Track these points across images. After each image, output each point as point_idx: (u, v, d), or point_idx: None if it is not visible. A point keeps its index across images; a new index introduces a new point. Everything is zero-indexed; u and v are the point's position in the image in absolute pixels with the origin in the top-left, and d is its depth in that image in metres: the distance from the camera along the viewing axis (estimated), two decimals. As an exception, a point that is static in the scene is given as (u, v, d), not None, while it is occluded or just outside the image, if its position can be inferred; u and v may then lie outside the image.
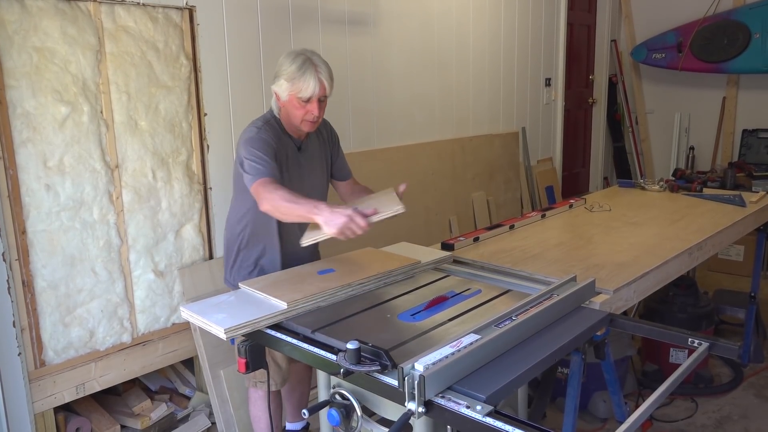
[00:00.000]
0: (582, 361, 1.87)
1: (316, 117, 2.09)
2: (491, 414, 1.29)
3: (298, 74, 2.02)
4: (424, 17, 4.01)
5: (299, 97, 2.04)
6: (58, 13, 2.32)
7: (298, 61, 2.03)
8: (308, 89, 2.02)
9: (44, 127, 2.34)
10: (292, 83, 2.03)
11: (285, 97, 2.08)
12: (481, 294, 2.04)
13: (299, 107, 2.06)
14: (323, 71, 2.05)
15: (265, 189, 1.93)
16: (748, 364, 3.42)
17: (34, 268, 2.38)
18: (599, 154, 6.22)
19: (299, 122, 2.10)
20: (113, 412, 2.73)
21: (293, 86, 2.03)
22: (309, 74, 2.01)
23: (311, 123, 2.11)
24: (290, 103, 2.07)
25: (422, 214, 4.07)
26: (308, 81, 2.01)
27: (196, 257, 2.86)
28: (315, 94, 2.04)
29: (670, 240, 2.58)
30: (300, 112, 2.07)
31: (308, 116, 2.08)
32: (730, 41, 5.20)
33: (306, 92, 2.03)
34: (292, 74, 2.02)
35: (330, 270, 2.06)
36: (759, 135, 5.39)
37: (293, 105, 2.07)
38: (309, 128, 2.13)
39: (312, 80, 2.02)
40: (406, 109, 3.96)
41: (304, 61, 2.03)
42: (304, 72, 2.01)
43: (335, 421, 1.58)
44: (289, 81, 2.03)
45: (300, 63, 2.03)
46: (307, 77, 2.01)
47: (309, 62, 2.03)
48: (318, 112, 2.08)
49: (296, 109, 2.07)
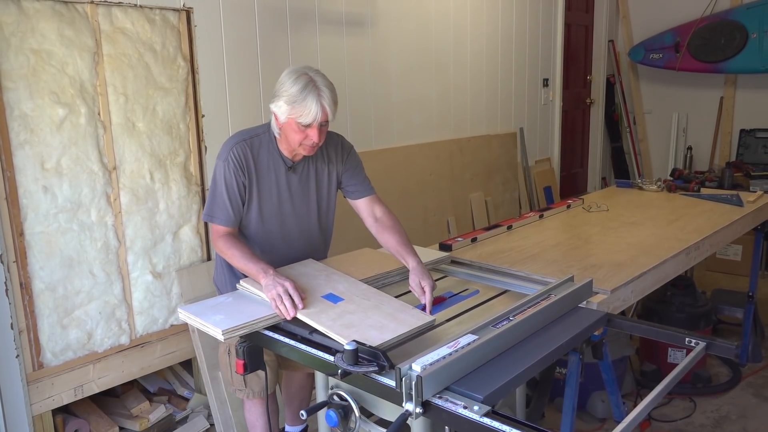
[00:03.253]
0: (580, 361, 1.87)
1: (315, 143, 1.97)
2: (488, 414, 1.30)
3: (299, 98, 1.87)
4: (422, 18, 4.01)
5: (298, 122, 1.91)
6: (55, 14, 2.32)
7: (300, 83, 1.88)
8: (309, 115, 1.88)
9: (41, 129, 2.34)
10: (292, 106, 1.89)
11: (283, 119, 1.94)
12: (479, 294, 2.05)
13: (298, 131, 1.93)
14: (326, 96, 1.90)
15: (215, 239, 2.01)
16: (746, 364, 3.42)
17: (32, 270, 2.38)
18: (597, 155, 6.23)
19: (297, 145, 1.98)
20: (112, 413, 2.73)
21: (293, 110, 1.89)
22: (311, 99, 1.87)
23: (310, 148, 1.99)
24: (289, 126, 1.94)
25: (420, 215, 4.08)
26: (309, 106, 1.87)
27: (194, 259, 2.86)
28: (316, 120, 1.90)
29: (667, 240, 2.59)
30: (298, 137, 1.94)
31: (307, 141, 1.95)
32: (727, 41, 5.21)
33: (306, 118, 1.89)
34: (292, 97, 1.88)
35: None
36: (756, 135, 5.40)
37: (292, 128, 1.94)
38: (307, 152, 2.02)
39: (314, 105, 1.87)
40: (403, 110, 3.96)
41: (306, 84, 1.88)
42: (305, 96, 1.87)
43: (333, 422, 1.58)
44: (289, 104, 1.89)
45: (302, 85, 1.88)
46: (309, 102, 1.87)
47: (312, 85, 1.89)
48: (317, 139, 1.94)
49: (295, 133, 1.94)
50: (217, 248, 2.02)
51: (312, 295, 1.83)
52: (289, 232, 2.15)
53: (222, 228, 2.01)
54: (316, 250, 2.23)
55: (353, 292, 1.89)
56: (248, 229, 2.10)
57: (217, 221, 2.01)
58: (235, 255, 1.93)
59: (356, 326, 1.65)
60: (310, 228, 2.19)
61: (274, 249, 2.13)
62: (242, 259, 1.91)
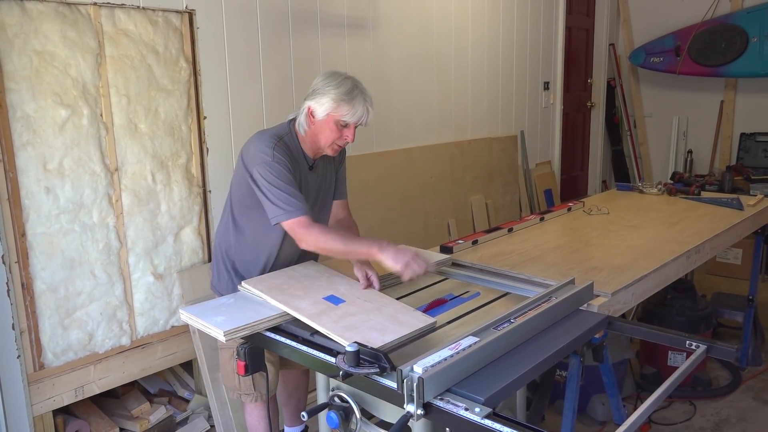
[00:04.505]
0: (580, 364, 1.88)
1: (348, 143, 2.04)
2: (490, 416, 1.30)
3: (347, 97, 1.94)
4: (423, 21, 4.02)
5: (340, 120, 1.96)
6: (58, 16, 2.33)
7: (347, 84, 1.96)
8: (355, 115, 1.95)
9: (44, 130, 2.34)
10: (338, 104, 1.94)
11: (322, 116, 1.97)
12: (480, 297, 2.05)
13: (335, 130, 1.98)
14: (370, 101, 1.99)
15: (307, 231, 1.91)
16: (746, 367, 3.43)
17: (34, 271, 2.38)
18: (597, 158, 6.24)
19: (327, 145, 2.02)
20: (112, 414, 2.73)
21: (338, 108, 1.94)
22: (359, 100, 1.95)
23: (338, 148, 2.05)
24: (326, 123, 1.98)
25: (421, 217, 4.08)
26: (357, 107, 1.95)
27: (195, 260, 2.86)
28: (360, 120, 1.98)
29: (668, 243, 2.59)
30: (333, 135, 1.99)
31: (340, 141, 2.01)
32: (727, 45, 5.22)
33: (352, 117, 1.96)
34: (340, 95, 1.94)
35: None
36: (757, 138, 5.41)
37: (329, 126, 1.98)
38: (333, 153, 2.07)
39: (360, 107, 1.96)
40: (404, 112, 3.97)
41: (354, 86, 1.97)
42: (354, 97, 1.95)
43: (334, 423, 1.59)
44: (336, 102, 1.94)
45: (350, 87, 1.96)
46: (357, 102, 1.95)
47: (358, 89, 1.97)
48: (352, 139, 2.01)
49: (330, 131, 1.99)
50: (312, 239, 1.92)
51: (313, 298, 1.84)
52: None
53: (305, 219, 1.92)
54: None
55: (355, 294, 1.89)
56: (256, 230, 2.08)
57: (296, 214, 1.92)
58: (338, 239, 1.92)
59: (357, 328, 1.66)
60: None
61: (279, 249, 2.13)
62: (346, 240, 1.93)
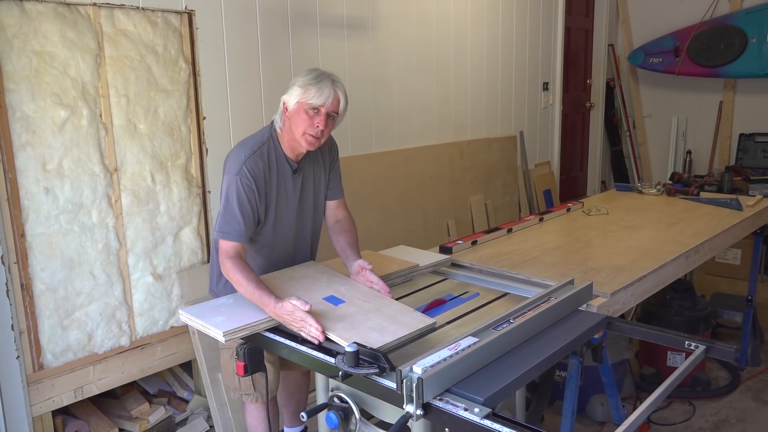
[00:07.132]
0: (580, 364, 1.88)
1: (321, 132, 1.96)
2: (489, 416, 1.30)
3: (314, 81, 1.94)
4: (423, 22, 4.02)
5: (309, 104, 1.93)
6: (57, 16, 2.33)
7: (315, 72, 1.98)
8: (321, 96, 1.93)
9: (43, 130, 2.34)
10: (305, 89, 1.94)
11: (293, 105, 1.97)
12: (479, 297, 2.05)
13: (305, 119, 1.95)
14: (340, 87, 1.99)
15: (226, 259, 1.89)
16: (745, 368, 3.42)
17: (33, 271, 2.38)
18: (597, 158, 6.24)
19: (300, 135, 1.97)
20: (111, 415, 2.73)
21: (305, 92, 1.94)
22: (325, 83, 1.95)
23: (313, 138, 1.97)
24: (297, 113, 1.96)
25: (420, 218, 4.08)
26: (324, 89, 1.94)
27: (194, 260, 2.86)
28: (327, 103, 1.94)
29: (667, 243, 2.59)
30: (304, 125, 1.95)
31: (311, 129, 1.95)
32: (726, 46, 5.23)
33: (318, 99, 1.93)
34: (307, 81, 1.95)
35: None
36: (756, 139, 5.41)
37: (300, 116, 1.95)
38: (309, 145, 1.99)
39: (327, 89, 1.94)
40: (404, 113, 3.97)
41: (322, 73, 1.98)
42: (320, 80, 1.95)
43: (334, 424, 1.59)
44: (303, 87, 1.95)
45: (318, 74, 1.97)
46: (323, 85, 1.94)
47: (327, 76, 1.98)
48: (324, 125, 1.96)
49: (302, 121, 1.95)
50: (224, 268, 1.91)
51: (313, 298, 1.84)
52: (293, 235, 2.15)
53: (231, 246, 1.92)
54: (312, 252, 2.25)
55: (354, 294, 1.89)
56: (260, 236, 2.08)
57: (228, 237, 1.93)
58: (242, 282, 1.83)
59: (357, 328, 1.66)
60: (306, 230, 2.20)
61: (277, 253, 2.13)
62: (249, 287, 1.81)
